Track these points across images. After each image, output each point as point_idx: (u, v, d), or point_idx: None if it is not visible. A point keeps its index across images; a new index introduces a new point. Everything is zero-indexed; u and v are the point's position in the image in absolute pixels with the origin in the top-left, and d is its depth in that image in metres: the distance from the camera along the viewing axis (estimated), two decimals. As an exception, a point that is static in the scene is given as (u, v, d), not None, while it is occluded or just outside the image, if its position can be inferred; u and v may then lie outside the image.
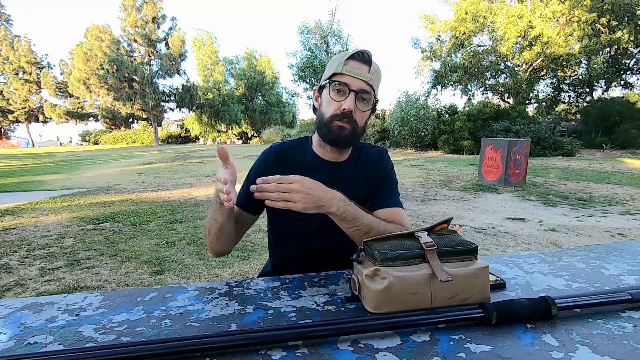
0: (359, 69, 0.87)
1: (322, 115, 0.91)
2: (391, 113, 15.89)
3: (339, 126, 0.88)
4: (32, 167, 12.61)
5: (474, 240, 2.86)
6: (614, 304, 0.64)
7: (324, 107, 0.91)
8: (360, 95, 0.87)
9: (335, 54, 0.91)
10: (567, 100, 19.53)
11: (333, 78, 0.88)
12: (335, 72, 0.87)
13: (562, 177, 7.64)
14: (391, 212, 0.96)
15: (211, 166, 11.24)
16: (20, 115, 34.13)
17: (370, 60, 0.89)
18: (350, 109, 0.86)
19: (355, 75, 0.86)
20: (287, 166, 0.96)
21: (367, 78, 0.87)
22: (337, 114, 0.87)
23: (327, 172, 0.95)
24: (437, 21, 18.67)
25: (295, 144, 1.02)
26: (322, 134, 0.91)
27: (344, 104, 0.86)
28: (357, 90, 0.86)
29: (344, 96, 0.87)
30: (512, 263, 0.90)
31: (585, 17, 14.41)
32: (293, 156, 0.98)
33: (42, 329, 0.62)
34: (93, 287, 2.59)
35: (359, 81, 0.86)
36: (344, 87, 0.86)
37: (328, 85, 0.89)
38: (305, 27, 19.51)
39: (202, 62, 34.04)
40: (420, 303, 0.62)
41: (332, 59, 0.93)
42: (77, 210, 5.13)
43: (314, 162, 0.97)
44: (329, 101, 0.89)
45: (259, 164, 0.99)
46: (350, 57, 0.88)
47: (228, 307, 0.68)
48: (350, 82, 0.86)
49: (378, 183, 0.99)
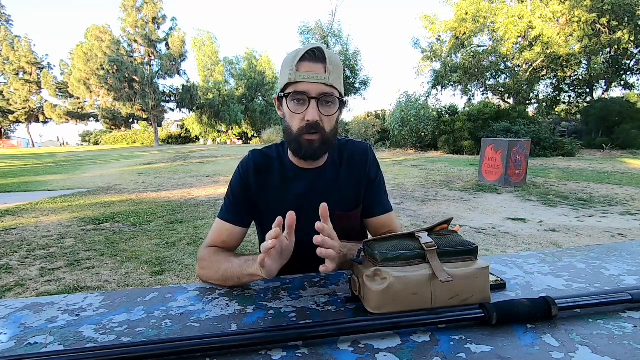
0: (314, 71, 0.78)
1: (289, 129, 0.83)
2: (391, 113, 15.89)
3: (307, 140, 0.81)
4: (32, 167, 12.61)
5: (474, 241, 2.87)
6: (614, 304, 0.64)
7: (288, 119, 0.83)
8: (322, 99, 0.79)
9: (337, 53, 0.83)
10: (567, 100, 19.54)
11: (287, 89, 0.80)
12: (289, 81, 0.78)
13: (562, 177, 7.64)
14: (384, 219, 0.96)
15: (211, 166, 11.24)
16: (20, 115, 34.15)
17: (323, 57, 0.79)
18: (315, 119, 0.78)
19: (311, 79, 0.77)
20: (267, 177, 0.92)
21: (324, 79, 0.78)
22: (303, 126, 0.80)
23: (307, 180, 0.92)
24: (437, 21, 18.69)
25: (272, 151, 0.95)
26: (293, 149, 0.86)
27: (306, 115, 0.79)
28: (317, 95, 0.78)
29: (304, 105, 0.79)
30: (512, 263, 0.90)
31: (585, 17, 14.42)
32: (271, 166, 0.93)
33: (42, 329, 0.62)
34: (93, 287, 2.59)
35: (316, 85, 0.78)
36: (301, 95, 0.78)
37: (288, 96, 0.80)
38: (305, 27, 19.48)
39: (202, 62, 34.05)
40: (420, 303, 0.62)
41: (283, 63, 0.82)
42: (77, 210, 5.13)
43: (292, 171, 0.92)
44: (291, 114, 0.81)
45: (239, 174, 0.93)
46: (300, 59, 0.78)
47: (228, 307, 0.68)
48: (307, 88, 0.78)
49: (367, 186, 0.95)
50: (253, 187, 0.92)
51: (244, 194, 0.92)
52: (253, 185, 0.92)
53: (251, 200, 0.92)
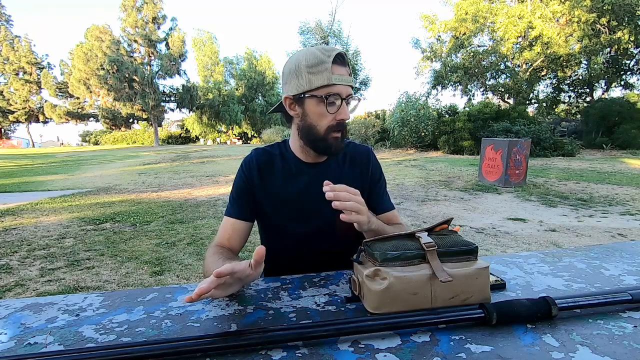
0: (344, 75, 0.84)
1: (314, 128, 0.86)
2: (391, 113, 15.88)
3: (335, 137, 0.86)
4: (32, 167, 12.61)
5: (474, 241, 2.87)
6: (614, 304, 0.64)
7: (313, 120, 0.86)
8: (347, 99, 0.85)
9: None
10: (567, 100, 19.54)
11: (323, 90, 0.82)
12: (327, 83, 0.82)
13: (562, 177, 7.64)
14: (390, 215, 1.01)
15: (211, 166, 11.24)
16: (20, 115, 34.15)
17: (346, 61, 0.86)
18: (348, 117, 0.85)
19: (343, 82, 0.83)
20: (270, 173, 0.95)
21: (351, 82, 0.85)
22: (333, 124, 0.85)
23: (310, 174, 0.95)
24: (437, 21, 18.71)
25: (275, 149, 0.99)
26: (320, 147, 0.89)
27: (339, 115, 0.84)
28: (346, 96, 0.84)
29: (335, 106, 0.84)
30: (512, 263, 0.90)
31: (585, 17, 14.42)
32: (274, 162, 0.96)
33: (42, 329, 0.62)
34: (93, 287, 2.59)
35: (346, 87, 0.84)
36: (337, 97, 0.83)
37: (322, 98, 0.83)
38: (305, 27, 19.50)
39: (202, 62, 34.06)
40: (420, 303, 0.62)
41: (308, 65, 0.82)
42: (77, 210, 5.13)
43: (296, 166, 0.96)
44: (322, 113, 0.84)
45: (242, 172, 0.96)
46: (332, 63, 0.82)
47: (228, 307, 0.68)
48: (340, 90, 0.83)
49: (370, 186, 1.00)
50: (256, 183, 0.95)
51: (247, 191, 0.95)
52: (256, 181, 0.95)
53: (254, 197, 0.96)
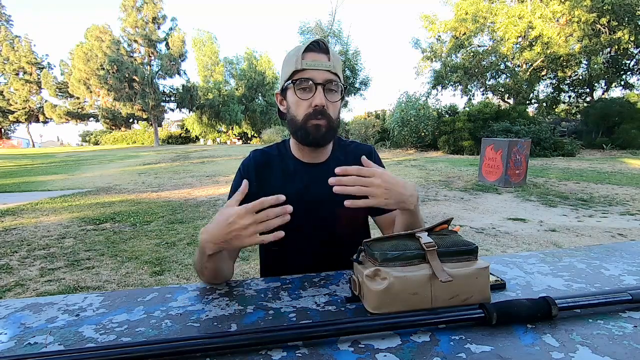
0: (319, 60, 0.82)
1: (294, 118, 0.86)
2: (391, 113, 15.88)
3: (314, 125, 0.84)
4: (32, 167, 12.61)
5: (474, 241, 2.86)
6: (614, 304, 0.64)
7: (292, 110, 0.86)
8: (327, 86, 0.83)
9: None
10: (567, 100, 19.54)
11: (294, 76, 0.83)
12: (295, 69, 0.82)
13: (562, 177, 7.64)
14: (395, 213, 0.98)
15: (211, 166, 11.24)
16: (20, 115, 34.15)
17: (327, 48, 0.84)
18: (322, 103, 0.82)
19: (317, 66, 0.81)
20: (268, 173, 0.94)
21: (329, 67, 0.82)
22: (310, 112, 0.83)
23: (309, 174, 0.93)
24: (437, 21, 18.69)
25: (273, 150, 0.98)
26: (299, 137, 0.88)
27: (314, 100, 0.82)
28: (323, 82, 0.82)
29: (311, 92, 0.82)
30: (512, 263, 0.90)
31: (585, 17, 14.42)
32: (273, 163, 0.96)
33: (42, 329, 0.62)
34: (93, 287, 2.59)
35: (322, 72, 0.82)
36: (307, 82, 0.82)
37: (291, 85, 0.84)
38: (305, 27, 19.46)
39: (202, 62, 34.03)
40: (420, 303, 0.62)
41: (286, 57, 0.86)
42: (77, 210, 5.13)
43: (295, 166, 0.94)
44: (297, 101, 0.84)
45: (240, 174, 0.96)
46: (305, 49, 0.82)
47: (228, 307, 0.68)
48: (313, 75, 0.81)
49: None
50: (254, 184, 0.93)
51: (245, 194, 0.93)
52: (254, 182, 0.93)
53: (252, 198, 0.93)
